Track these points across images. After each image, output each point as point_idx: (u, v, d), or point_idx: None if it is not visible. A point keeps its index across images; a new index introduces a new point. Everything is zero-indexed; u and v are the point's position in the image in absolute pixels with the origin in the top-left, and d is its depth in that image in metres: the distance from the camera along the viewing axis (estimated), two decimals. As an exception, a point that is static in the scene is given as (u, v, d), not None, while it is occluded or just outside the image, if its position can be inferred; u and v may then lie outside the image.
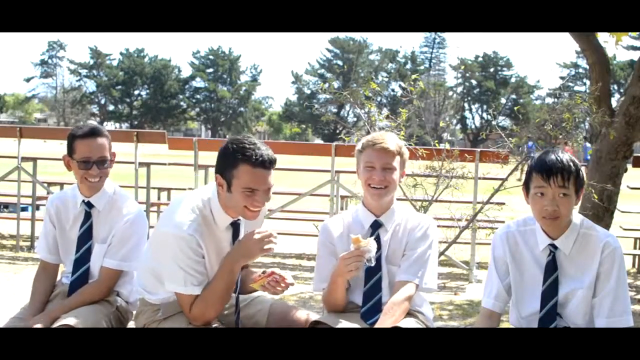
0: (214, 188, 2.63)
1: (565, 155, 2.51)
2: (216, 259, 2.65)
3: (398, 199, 2.93)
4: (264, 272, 2.66)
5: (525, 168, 2.78)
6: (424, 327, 2.80)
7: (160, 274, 2.64)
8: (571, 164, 2.48)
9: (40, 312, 2.90)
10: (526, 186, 2.56)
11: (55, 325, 2.76)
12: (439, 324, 5.03)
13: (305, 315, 2.78)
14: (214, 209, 2.62)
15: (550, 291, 2.57)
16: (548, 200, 2.48)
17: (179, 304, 2.64)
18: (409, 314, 2.79)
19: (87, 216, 3.01)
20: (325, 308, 2.91)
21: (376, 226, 2.82)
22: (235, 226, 2.68)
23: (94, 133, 2.96)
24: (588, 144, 5.81)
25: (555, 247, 2.57)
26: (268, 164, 2.51)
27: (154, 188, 8.24)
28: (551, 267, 2.57)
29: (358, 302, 2.80)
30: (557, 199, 2.47)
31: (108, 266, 2.95)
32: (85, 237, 3.01)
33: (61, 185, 9.08)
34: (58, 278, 3.13)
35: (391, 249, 2.82)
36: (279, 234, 2.64)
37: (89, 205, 3.02)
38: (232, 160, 2.51)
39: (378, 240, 2.76)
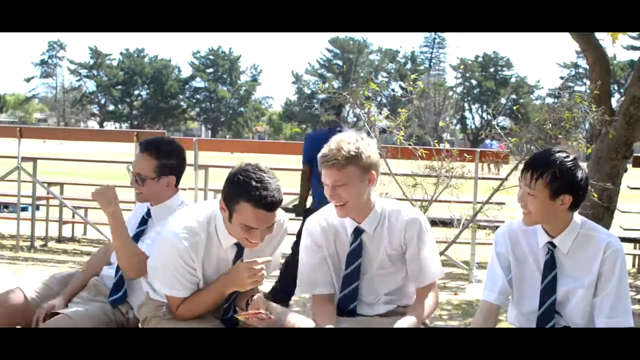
0: (218, 215, 2.59)
1: (551, 155, 2.48)
2: (214, 273, 2.64)
3: (398, 199, 2.92)
4: (248, 303, 2.60)
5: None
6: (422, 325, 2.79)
7: (155, 273, 2.68)
8: (547, 164, 2.45)
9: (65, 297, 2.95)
10: None
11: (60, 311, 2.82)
12: (439, 324, 5.03)
13: (303, 322, 2.77)
14: (218, 228, 2.58)
15: (548, 289, 2.57)
16: (519, 195, 2.54)
17: (168, 301, 2.66)
18: (403, 312, 2.77)
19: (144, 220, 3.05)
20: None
21: (358, 232, 2.71)
22: (239, 247, 2.63)
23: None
24: (488, 141, 5.84)
25: (554, 246, 2.57)
26: (271, 207, 2.42)
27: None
28: (549, 265, 2.57)
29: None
30: (526, 196, 2.50)
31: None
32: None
33: (61, 185, 9.09)
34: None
35: (373, 252, 2.72)
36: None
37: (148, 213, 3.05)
38: (236, 194, 2.44)
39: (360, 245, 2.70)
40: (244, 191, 2.41)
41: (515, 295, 2.67)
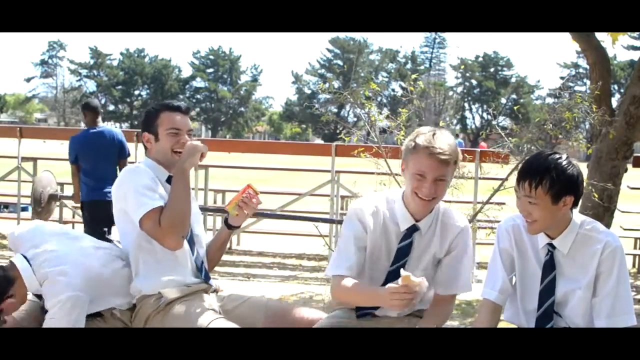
0: (144, 160, 2.94)
1: (545, 160, 2.44)
2: None
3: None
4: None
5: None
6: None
7: (132, 201, 2.75)
8: (543, 170, 2.41)
9: None
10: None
11: None
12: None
13: (305, 314, 2.79)
14: (152, 169, 2.87)
15: (547, 290, 2.55)
16: (520, 204, 2.49)
17: (149, 230, 2.71)
18: (417, 315, 2.76)
19: None
20: (335, 300, 2.79)
21: (413, 230, 2.65)
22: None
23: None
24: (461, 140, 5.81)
25: (554, 247, 2.55)
26: (184, 109, 2.94)
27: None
28: (549, 267, 2.56)
29: None
30: (527, 204, 2.46)
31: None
32: None
33: (61, 185, 9.08)
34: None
35: (420, 253, 2.66)
36: (279, 234, 2.65)
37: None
38: (154, 114, 2.91)
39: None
40: (160, 107, 2.95)
41: (519, 292, 2.64)
